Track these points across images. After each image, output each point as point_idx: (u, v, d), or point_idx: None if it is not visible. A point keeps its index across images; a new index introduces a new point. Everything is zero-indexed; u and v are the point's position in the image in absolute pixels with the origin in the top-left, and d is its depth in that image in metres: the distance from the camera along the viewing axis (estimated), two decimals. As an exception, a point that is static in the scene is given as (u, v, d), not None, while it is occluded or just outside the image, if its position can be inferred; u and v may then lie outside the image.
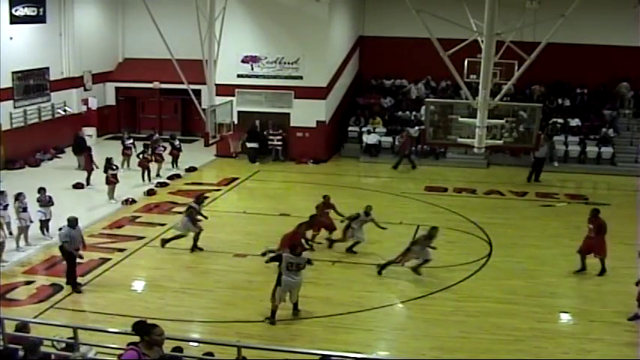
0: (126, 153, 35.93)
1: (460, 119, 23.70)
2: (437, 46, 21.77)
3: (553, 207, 32.52)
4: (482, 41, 21.77)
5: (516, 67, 29.69)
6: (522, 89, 42.02)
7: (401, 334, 19.18)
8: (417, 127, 39.74)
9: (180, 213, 27.29)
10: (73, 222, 21.63)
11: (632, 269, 23.24)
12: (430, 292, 21.56)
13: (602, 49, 41.90)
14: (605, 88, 43.64)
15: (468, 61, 33.06)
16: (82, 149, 35.69)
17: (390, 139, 41.65)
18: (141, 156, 34.35)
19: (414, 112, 43.11)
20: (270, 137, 39.82)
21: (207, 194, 30.71)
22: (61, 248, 21.60)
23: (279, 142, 39.92)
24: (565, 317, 20.65)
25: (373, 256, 24.49)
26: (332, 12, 39.41)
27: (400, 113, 43.73)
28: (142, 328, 10.26)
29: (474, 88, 24.55)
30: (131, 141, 36.71)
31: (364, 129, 42.38)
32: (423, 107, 31.50)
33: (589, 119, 42.52)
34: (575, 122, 42.09)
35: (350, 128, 42.87)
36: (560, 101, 43.58)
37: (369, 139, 41.53)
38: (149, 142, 35.99)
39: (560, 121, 41.99)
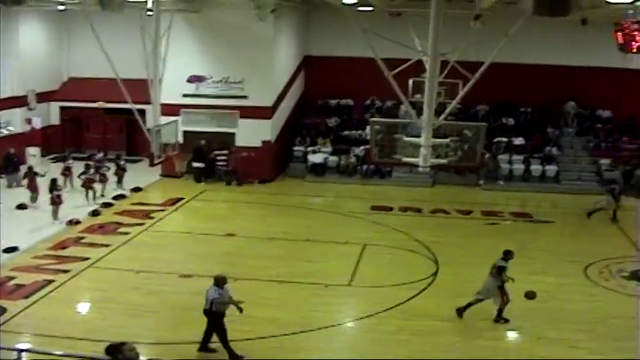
0: (65, 173, 35.42)
1: (405, 138, 23.76)
2: (381, 66, 21.85)
3: (498, 225, 32.72)
4: (426, 61, 21.90)
5: (461, 87, 29.86)
6: (467, 108, 42.30)
7: (349, 354, 19.12)
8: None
9: (125, 233, 27.06)
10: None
11: (579, 286, 23.52)
12: (377, 312, 21.52)
13: (546, 69, 42.42)
14: (549, 107, 44.10)
15: (413, 81, 33.27)
16: (14, 167, 35.35)
17: (335, 158, 41.68)
18: (83, 176, 33.89)
19: (359, 132, 43.21)
20: (217, 157, 39.58)
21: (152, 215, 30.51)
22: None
23: (224, 162, 39.64)
24: (513, 335, 20.74)
25: (319, 275, 24.43)
26: (277, 31, 39.42)
27: (346, 132, 43.82)
28: (112, 348, 10.22)
29: (418, 107, 24.63)
30: (71, 161, 36.32)
31: (309, 148, 42.38)
32: (369, 127, 31.58)
33: (533, 138, 42.93)
34: (519, 141, 42.50)
35: (295, 148, 42.83)
36: (504, 120, 43.97)
37: (315, 158, 41.56)
38: (92, 162, 35.60)
39: (505, 139, 42.35)
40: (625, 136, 43.63)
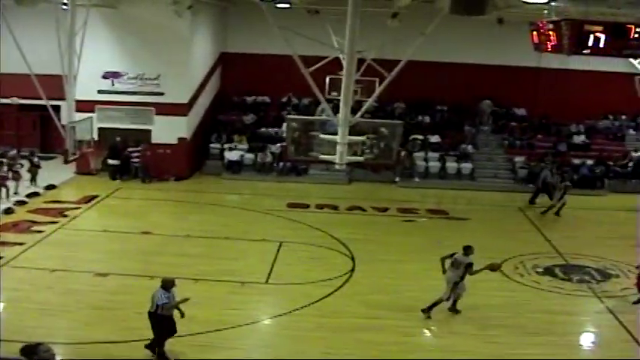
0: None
1: (321, 136, 23.74)
2: (299, 63, 21.81)
3: (414, 222, 32.95)
4: (343, 59, 21.91)
5: (377, 85, 30.00)
6: (383, 106, 42.55)
7: (266, 352, 19.06)
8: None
9: (40, 232, 26.63)
10: None
11: (494, 282, 23.77)
12: (294, 309, 21.49)
13: (462, 67, 42.90)
14: (465, 105, 44.59)
15: (330, 78, 33.33)
16: None
17: (251, 155, 41.57)
18: (-5, 173, 33.27)
19: (276, 129, 43.17)
20: (131, 154, 39.15)
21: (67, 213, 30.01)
22: None
23: (138, 159, 39.19)
24: (429, 331, 20.89)
25: (236, 273, 24.33)
26: (194, 28, 39.17)
27: (263, 130, 43.74)
28: (28, 349, 10.02)
29: (335, 105, 24.64)
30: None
31: (226, 145, 42.19)
32: (285, 124, 31.55)
33: (449, 136, 43.36)
34: (435, 138, 42.90)
35: (212, 145, 42.63)
36: (420, 118, 44.34)
37: (231, 155, 41.41)
38: (5, 160, 34.96)
39: (421, 137, 42.68)
40: (539, 134, 44.38)
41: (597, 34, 20.68)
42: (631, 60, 32.14)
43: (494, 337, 19.93)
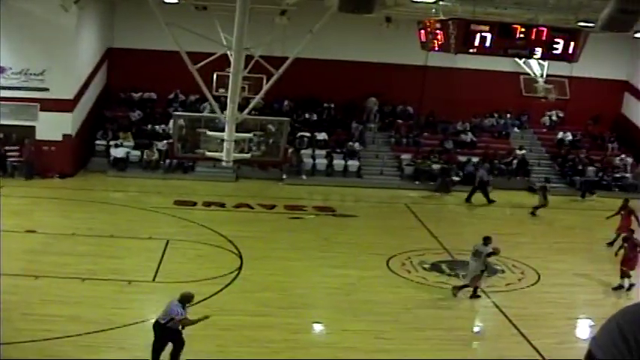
0: None
1: (208, 133, 23.66)
2: (186, 59, 21.65)
3: (302, 219, 33.03)
4: (231, 55, 21.84)
5: (265, 82, 29.98)
6: (271, 103, 42.53)
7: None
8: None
9: None
10: None
11: (382, 279, 23.99)
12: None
13: (350, 65, 43.12)
14: (353, 103, 44.86)
15: (217, 75, 33.16)
16: None
17: (138, 152, 41.11)
18: None
19: (162, 126, 42.74)
20: (7, 152, 38.19)
21: None
22: None
23: (16, 158, 38.20)
24: (318, 328, 20.99)
25: (123, 272, 24.01)
26: (80, 22, 38.47)
27: (149, 127, 43.27)
28: None
29: (222, 101, 24.53)
30: None
31: (112, 142, 41.61)
32: (172, 121, 31.34)
33: (336, 133, 43.57)
34: (322, 136, 43.02)
35: (97, 142, 41.98)
36: (308, 115, 44.43)
37: (117, 152, 40.87)
38: None
39: (308, 134, 42.78)
40: (426, 131, 44.92)
41: (484, 34, 21.04)
42: (516, 59, 32.74)
43: (383, 333, 20.10)
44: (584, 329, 22.80)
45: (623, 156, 44.93)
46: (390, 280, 24.81)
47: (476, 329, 22.30)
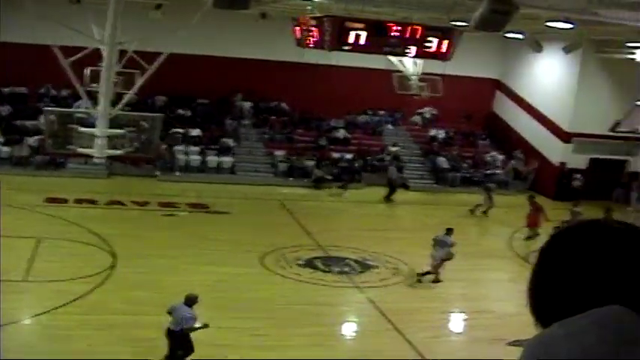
0: None
1: (80, 129, 23.31)
2: (58, 53, 21.26)
3: (175, 216, 32.75)
4: (104, 50, 21.53)
5: (139, 77, 29.62)
6: (144, 99, 42.02)
7: (30, 353, 18.40)
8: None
9: None
10: None
11: (256, 276, 24.00)
12: (54, 307, 20.90)
13: (225, 61, 42.88)
14: (227, 99, 44.70)
15: (90, 70, 32.60)
16: None
17: (7, 149, 40.07)
18: None
19: (33, 121, 41.77)
20: None
21: None
22: None
23: None
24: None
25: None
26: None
27: (19, 122, 42.22)
28: None
29: (95, 97, 24.16)
30: None
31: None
32: (43, 116, 30.71)
33: (210, 129, 43.31)
34: (196, 132, 42.69)
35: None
36: (181, 111, 44.05)
37: (-17, 149, 39.86)
38: None
39: (181, 131, 42.42)
40: (300, 128, 45.05)
41: (358, 32, 21.23)
42: (389, 57, 33.09)
43: (259, 330, 20.11)
44: (458, 323, 23.28)
45: (494, 153, 45.94)
46: (265, 276, 24.84)
47: (352, 325, 22.46)
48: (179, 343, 17.58)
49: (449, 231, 25.42)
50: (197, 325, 17.64)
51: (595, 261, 1.91)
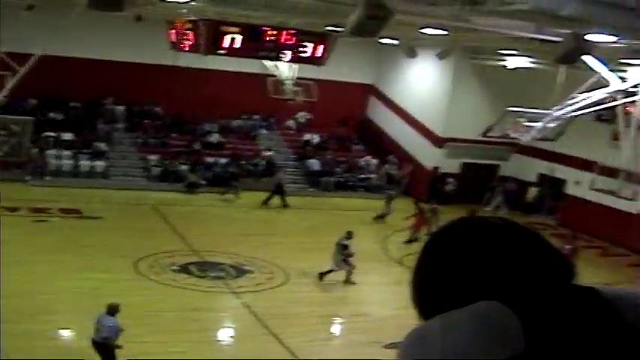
0: None
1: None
2: None
3: (47, 222, 32.10)
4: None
5: (9, 79, 28.94)
6: (15, 102, 41.01)
7: None
8: None
9: None
10: None
11: (130, 281, 23.69)
12: None
13: (98, 64, 42.18)
14: (100, 102, 44.06)
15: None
16: None
17: None
18: None
19: None
20: None
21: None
22: None
23: None
24: (64, 333, 20.46)
25: None
26: None
27: None
28: None
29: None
30: None
31: None
32: None
33: (82, 133, 42.58)
34: (68, 136, 41.94)
35: None
36: (53, 115, 43.19)
37: None
38: None
39: (53, 134, 41.59)
40: (174, 132, 44.68)
41: (233, 36, 21.20)
42: (264, 61, 33.08)
43: (133, 337, 19.70)
44: (334, 326, 23.44)
45: (367, 158, 46.36)
46: (139, 282, 24.59)
47: (228, 330, 22.38)
48: (103, 353, 17.27)
49: (349, 234, 26.18)
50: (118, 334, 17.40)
51: (475, 256, 1.93)
